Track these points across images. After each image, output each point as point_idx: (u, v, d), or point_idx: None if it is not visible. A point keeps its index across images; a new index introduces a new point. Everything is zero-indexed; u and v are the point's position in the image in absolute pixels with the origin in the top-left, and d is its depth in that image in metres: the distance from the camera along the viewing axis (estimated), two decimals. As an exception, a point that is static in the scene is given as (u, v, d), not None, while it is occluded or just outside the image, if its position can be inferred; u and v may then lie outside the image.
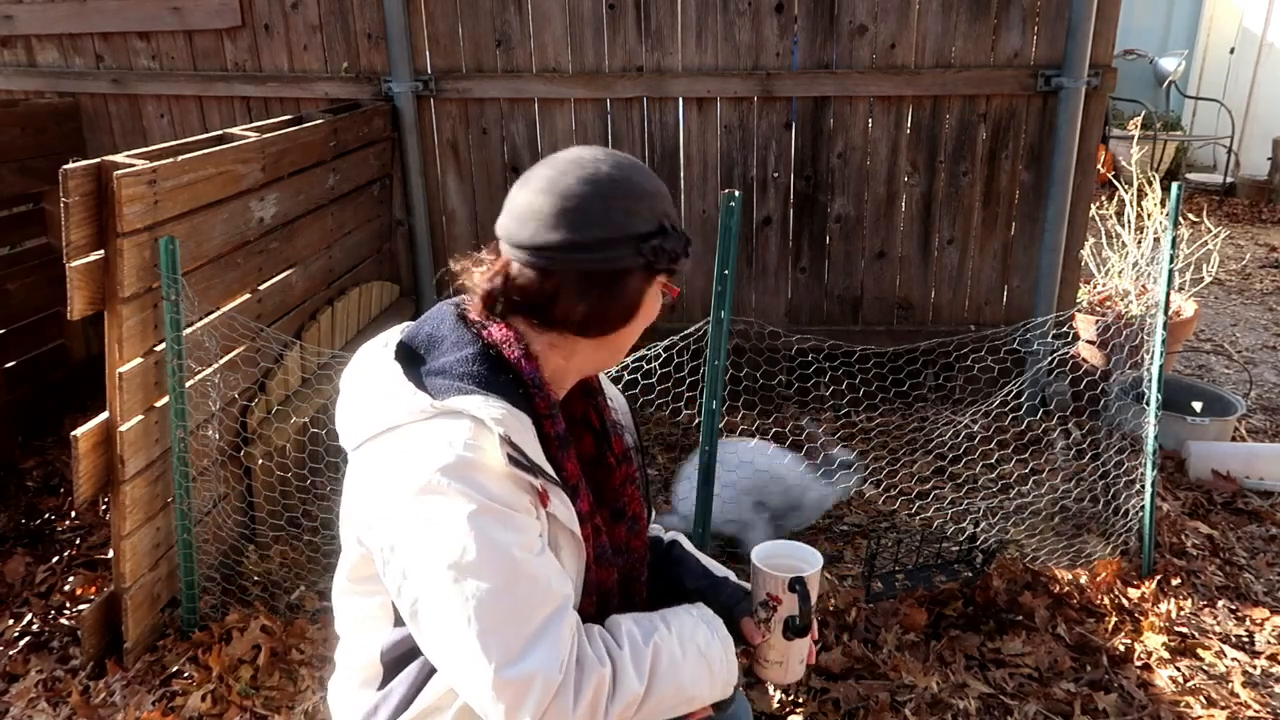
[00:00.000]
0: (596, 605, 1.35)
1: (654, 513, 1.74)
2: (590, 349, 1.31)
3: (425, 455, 1.15)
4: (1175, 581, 2.70)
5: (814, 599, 1.40)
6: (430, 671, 1.29)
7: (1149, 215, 3.79)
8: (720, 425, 2.50)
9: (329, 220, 3.32)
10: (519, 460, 1.17)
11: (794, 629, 1.37)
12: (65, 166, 2.08)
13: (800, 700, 2.26)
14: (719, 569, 1.55)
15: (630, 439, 1.54)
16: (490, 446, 1.16)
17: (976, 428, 3.43)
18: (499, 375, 1.25)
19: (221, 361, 2.58)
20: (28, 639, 2.56)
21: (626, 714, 1.21)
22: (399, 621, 1.29)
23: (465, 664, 1.15)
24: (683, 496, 2.94)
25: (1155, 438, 2.65)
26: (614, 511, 1.45)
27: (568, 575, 1.24)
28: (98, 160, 2.17)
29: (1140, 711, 2.24)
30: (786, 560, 1.44)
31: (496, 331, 1.27)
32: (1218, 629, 2.56)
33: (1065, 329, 3.53)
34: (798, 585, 1.35)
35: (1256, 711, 2.25)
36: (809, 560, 1.44)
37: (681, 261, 1.29)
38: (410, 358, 1.28)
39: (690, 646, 1.29)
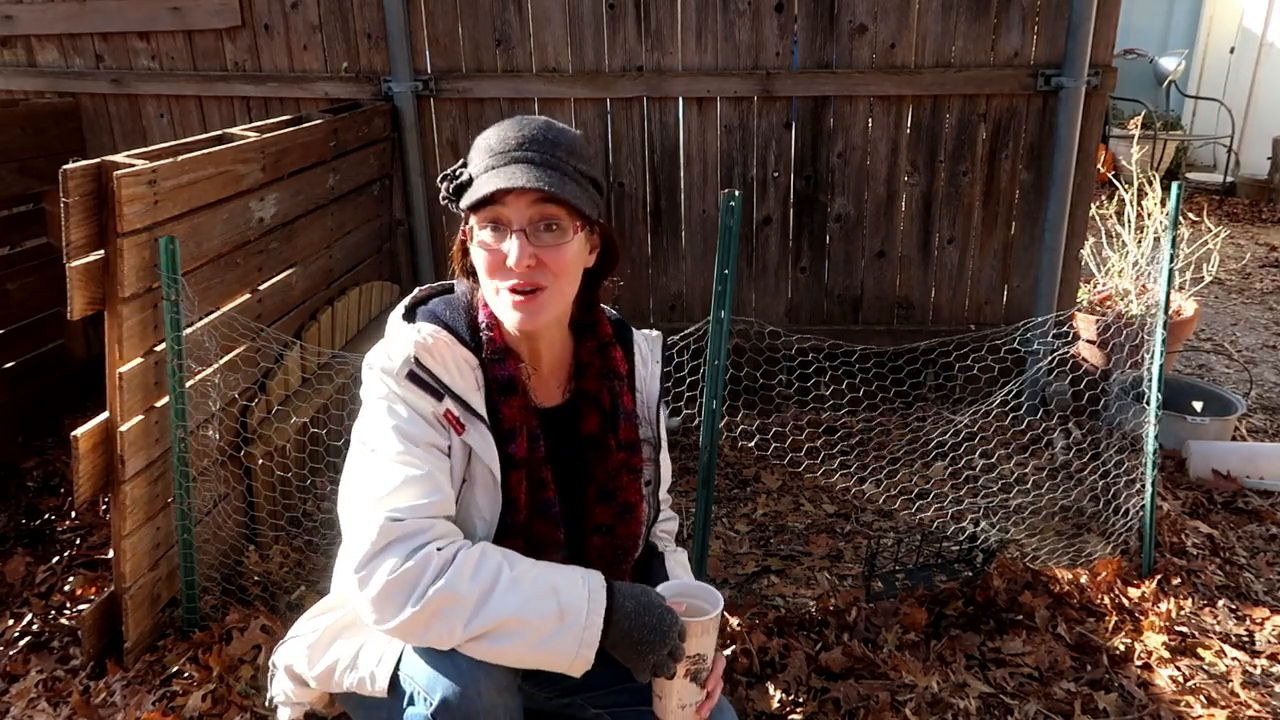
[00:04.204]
0: (528, 555, 1.39)
1: (658, 512, 1.74)
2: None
3: (375, 353, 1.44)
4: (1175, 581, 2.70)
5: (710, 646, 1.38)
6: None
7: (1149, 215, 3.79)
8: (720, 425, 2.50)
9: (329, 220, 3.32)
10: (418, 377, 1.39)
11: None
12: (65, 166, 2.08)
13: (800, 700, 2.26)
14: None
15: (648, 432, 1.56)
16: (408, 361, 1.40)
17: (976, 427, 3.43)
18: (467, 318, 1.48)
19: (221, 361, 2.58)
20: (28, 639, 2.56)
21: (450, 610, 1.27)
22: None
23: (344, 501, 1.38)
24: None
25: (1155, 437, 2.64)
26: (602, 492, 1.52)
27: (446, 487, 1.38)
28: (98, 160, 2.17)
29: (1140, 711, 2.24)
30: (693, 601, 1.43)
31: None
32: (1218, 628, 2.56)
33: (1065, 329, 3.53)
34: None
35: (1256, 711, 2.25)
36: (710, 603, 1.42)
37: (465, 199, 1.38)
38: (425, 300, 1.55)
39: (546, 587, 1.32)
